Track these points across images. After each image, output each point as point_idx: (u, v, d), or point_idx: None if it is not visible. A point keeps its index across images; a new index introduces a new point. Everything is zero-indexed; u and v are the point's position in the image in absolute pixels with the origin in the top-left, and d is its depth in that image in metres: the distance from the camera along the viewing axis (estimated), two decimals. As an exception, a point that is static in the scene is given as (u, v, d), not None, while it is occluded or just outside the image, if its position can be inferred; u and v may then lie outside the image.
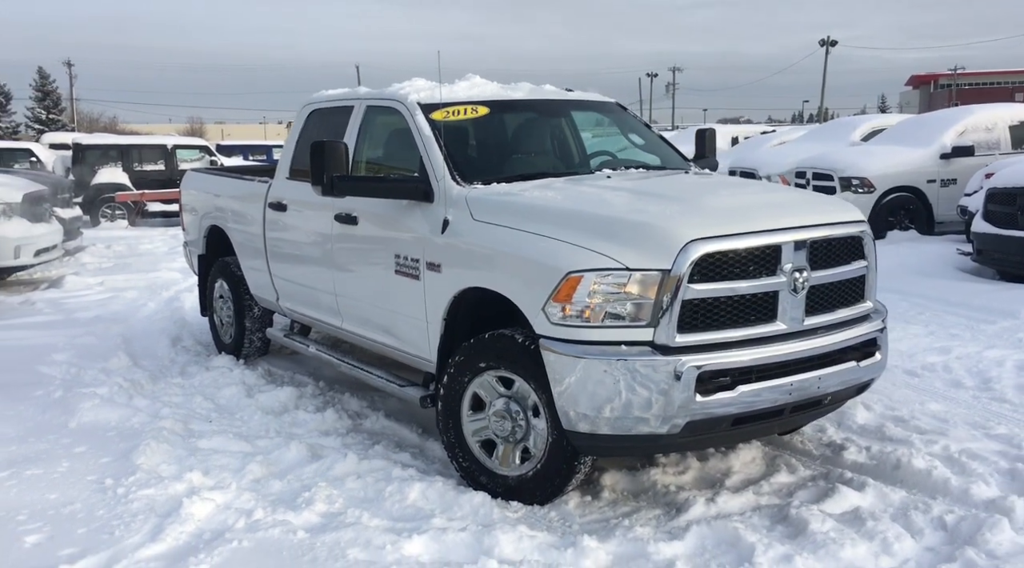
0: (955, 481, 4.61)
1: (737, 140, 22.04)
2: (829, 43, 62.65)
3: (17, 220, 10.91)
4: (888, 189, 14.01)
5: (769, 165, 16.90)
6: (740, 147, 20.66)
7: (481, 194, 4.85)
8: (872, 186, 13.99)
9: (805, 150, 16.55)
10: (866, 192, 14.00)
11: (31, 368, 7.08)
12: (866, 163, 14.29)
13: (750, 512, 4.38)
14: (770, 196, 4.96)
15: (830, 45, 62.62)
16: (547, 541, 4.08)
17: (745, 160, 17.79)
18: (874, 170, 14.08)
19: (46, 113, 64.31)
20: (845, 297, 4.61)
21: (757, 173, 16.98)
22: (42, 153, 22.98)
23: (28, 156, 22.70)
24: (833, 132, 17.82)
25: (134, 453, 5.08)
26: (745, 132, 23.30)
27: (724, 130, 23.52)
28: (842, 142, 16.69)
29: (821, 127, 20.34)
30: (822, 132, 18.59)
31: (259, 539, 4.10)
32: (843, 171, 14.24)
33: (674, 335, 4.06)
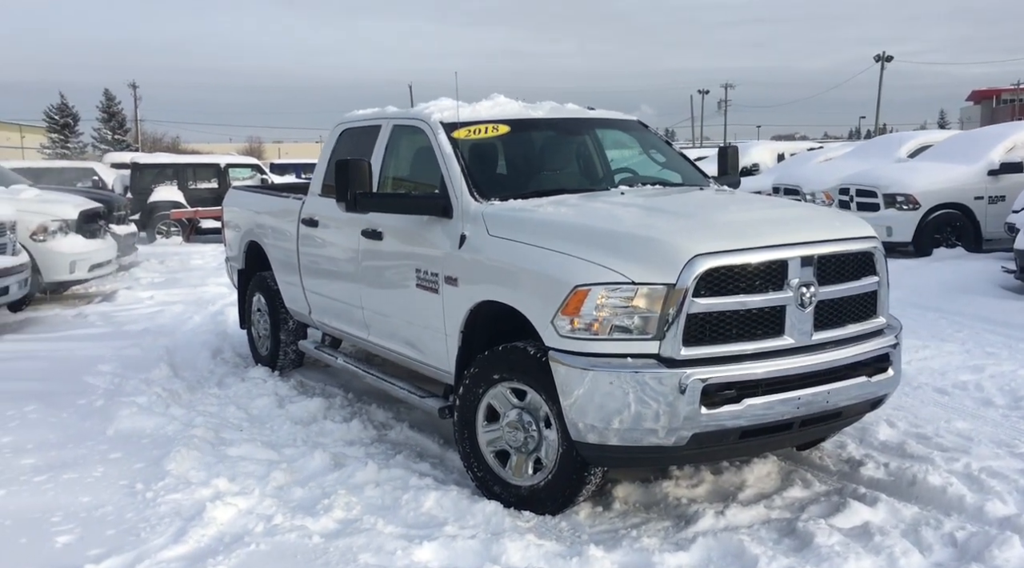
0: (970, 498, 4.60)
1: (783, 157, 21.92)
2: (884, 58, 61.92)
3: (73, 236, 11.31)
4: (934, 206, 13.87)
5: (813, 182, 16.80)
6: (785, 164, 20.55)
7: (497, 210, 4.98)
8: (917, 203, 13.86)
9: (850, 167, 16.44)
10: (911, 209, 13.88)
11: (78, 378, 7.34)
12: (911, 179, 14.16)
13: (759, 525, 4.42)
14: (779, 212, 5.01)
15: (885, 60, 61.88)
16: (554, 550, 4.16)
17: (789, 177, 17.70)
18: (919, 187, 13.94)
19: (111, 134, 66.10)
20: (856, 312, 4.64)
21: (801, 190, 16.91)
22: (104, 172, 23.68)
23: (91, 175, 23.42)
24: (880, 148, 17.65)
25: (165, 459, 5.27)
26: (792, 149, 23.13)
27: (771, 147, 23.39)
28: (888, 158, 16.54)
29: (867, 143, 20.16)
30: (868, 148, 18.42)
31: (276, 543, 4.25)
32: (887, 188, 14.13)
33: (679, 348, 4.13)
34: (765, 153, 22.46)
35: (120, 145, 61.93)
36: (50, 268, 11.03)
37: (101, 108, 66.66)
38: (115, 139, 64.70)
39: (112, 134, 65.62)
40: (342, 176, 5.18)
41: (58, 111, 65.46)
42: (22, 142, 69.20)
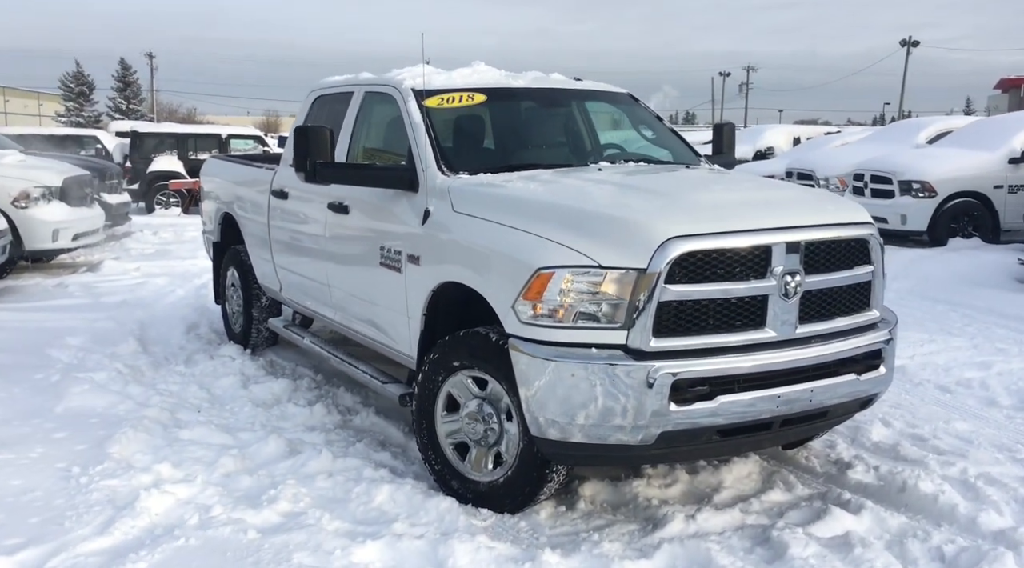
0: (963, 508, 4.25)
1: (799, 141, 21.41)
2: (910, 44, 60.87)
3: (56, 204, 11.02)
4: (951, 194, 13.38)
5: (827, 167, 16.34)
6: (801, 148, 20.05)
7: (463, 185, 4.63)
8: (933, 190, 13.38)
9: (867, 152, 15.95)
10: (927, 197, 13.41)
11: (41, 351, 7.04)
12: (927, 166, 13.69)
13: (731, 532, 4.08)
14: (767, 193, 4.64)
15: (911, 46, 60.84)
16: (506, 553, 3.84)
17: (803, 161, 17.24)
18: (936, 174, 13.47)
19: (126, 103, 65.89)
20: (847, 304, 4.27)
21: (814, 174, 16.46)
22: (107, 140, 23.42)
23: (94, 143, 23.16)
24: (898, 134, 17.14)
25: (109, 441, 4.97)
26: (808, 132, 22.61)
27: (787, 130, 22.88)
28: (907, 144, 16.04)
29: (885, 129, 19.65)
30: (886, 134, 17.91)
31: (208, 537, 3.94)
32: (902, 174, 13.67)
33: (649, 339, 3.78)
34: (780, 137, 21.97)
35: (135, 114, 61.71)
36: (32, 236, 10.75)
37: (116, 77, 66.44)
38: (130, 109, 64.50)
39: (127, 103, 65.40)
40: (301, 144, 4.84)
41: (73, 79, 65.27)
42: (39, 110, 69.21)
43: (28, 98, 72.51)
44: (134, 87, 67.29)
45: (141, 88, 68.99)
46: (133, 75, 67.44)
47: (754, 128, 28.33)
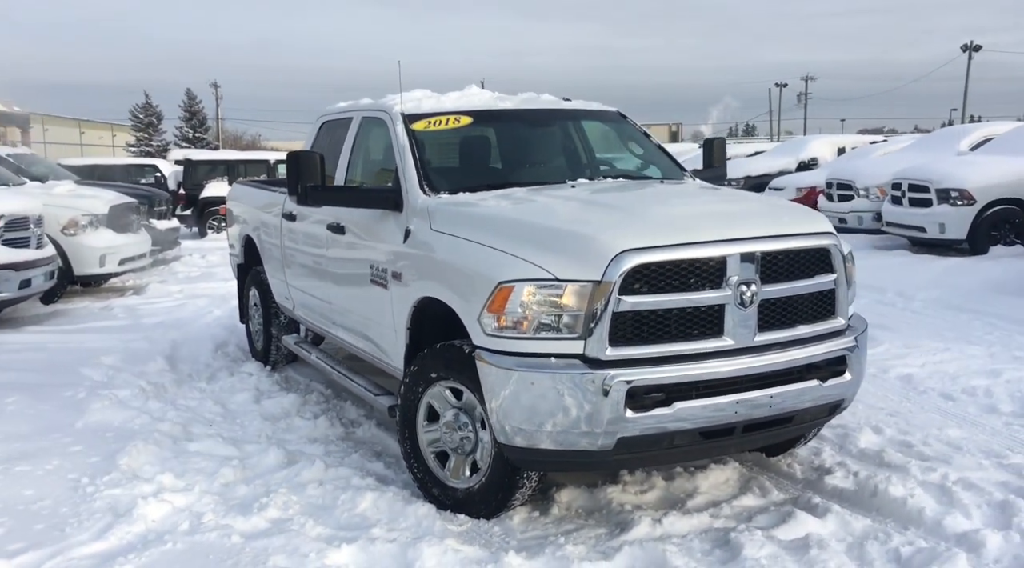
0: (930, 511, 4.31)
1: (844, 150, 21.20)
2: (972, 48, 59.69)
3: (103, 230, 11.52)
4: (990, 201, 13.19)
5: (867, 176, 16.22)
6: (843, 158, 19.86)
7: (441, 204, 4.84)
8: (972, 198, 13.21)
9: (908, 160, 15.78)
10: (965, 205, 13.25)
11: (75, 370, 7.40)
12: (966, 174, 13.53)
13: (694, 535, 4.19)
14: (728, 206, 4.75)
15: (973, 51, 59.67)
16: (473, 556, 4.01)
17: (843, 171, 17.11)
18: (974, 181, 13.30)
19: (192, 132, 67.62)
20: (809, 312, 4.37)
21: (854, 185, 16.35)
22: (166, 168, 24.20)
23: (154, 171, 23.98)
24: (940, 142, 16.92)
25: (120, 454, 5.25)
26: (853, 142, 22.37)
27: (831, 140, 22.64)
28: (948, 152, 15.83)
29: (928, 136, 19.37)
30: (928, 141, 17.68)
31: (194, 542, 4.17)
32: (940, 182, 13.53)
33: (605, 348, 3.94)
34: (824, 147, 21.77)
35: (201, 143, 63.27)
36: (80, 261, 11.26)
37: (183, 107, 68.24)
38: (196, 137, 66.18)
39: (193, 132, 67.13)
40: (293, 168, 5.10)
41: (142, 111, 67.23)
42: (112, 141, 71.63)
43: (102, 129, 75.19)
44: (199, 116, 69.02)
45: (207, 117, 70.74)
46: (199, 105, 69.23)
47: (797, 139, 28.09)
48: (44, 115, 67.97)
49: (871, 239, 15.49)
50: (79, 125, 71.68)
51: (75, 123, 71.49)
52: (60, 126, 68.47)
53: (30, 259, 9.68)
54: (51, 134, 65.30)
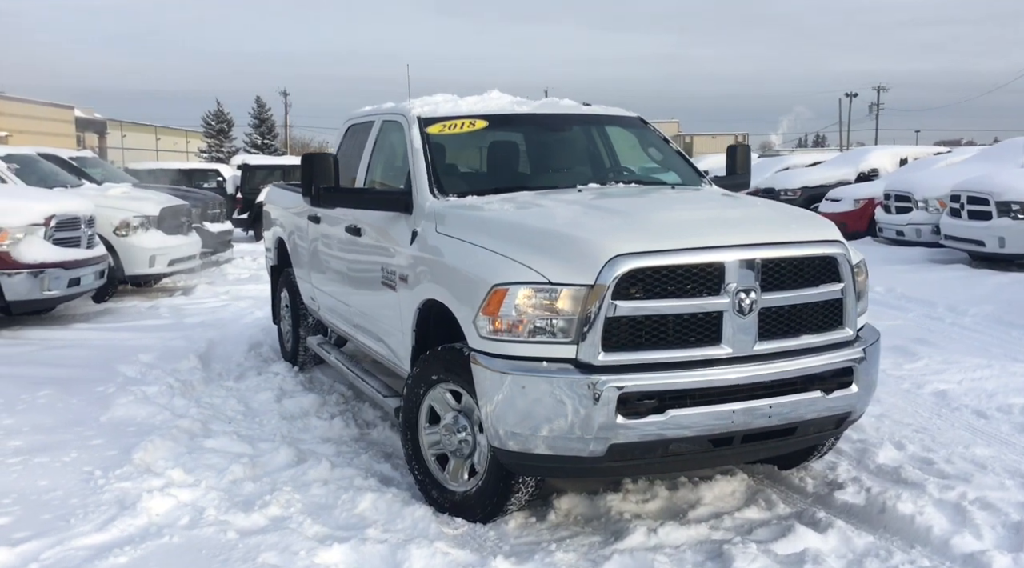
0: (938, 530, 4.18)
1: (906, 161, 20.72)
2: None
3: (154, 232, 11.79)
4: (1053, 216, 12.77)
5: (925, 188, 15.83)
6: (903, 169, 19.43)
7: (447, 206, 4.84)
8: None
9: (969, 172, 15.36)
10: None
11: (112, 366, 7.56)
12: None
13: (688, 546, 4.12)
14: (732, 212, 4.66)
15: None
16: (460, 560, 3.99)
17: (902, 183, 16.73)
18: (1036, 194, 12.89)
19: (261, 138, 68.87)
20: (813, 322, 4.27)
21: (912, 196, 15.98)
22: (227, 173, 24.71)
23: (216, 176, 24.53)
24: (1003, 153, 16.42)
25: (136, 448, 5.35)
26: (916, 153, 21.83)
27: (893, 151, 22.12)
28: (1011, 163, 15.37)
29: (991, 148, 18.83)
30: (991, 153, 17.18)
31: (191, 537, 4.23)
32: (1000, 195, 13.14)
33: (598, 353, 3.89)
34: (885, 158, 21.30)
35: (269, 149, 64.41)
36: (131, 262, 11.53)
37: (253, 114, 69.58)
38: (264, 144, 67.37)
39: (262, 139, 68.35)
40: (306, 170, 5.15)
41: (214, 117, 68.75)
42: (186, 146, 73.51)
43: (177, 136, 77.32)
44: (268, 123, 70.27)
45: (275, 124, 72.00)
46: (268, 112, 70.51)
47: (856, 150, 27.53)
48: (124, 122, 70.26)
49: (929, 252, 15.12)
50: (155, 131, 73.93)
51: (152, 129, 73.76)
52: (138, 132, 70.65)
53: (79, 258, 9.94)
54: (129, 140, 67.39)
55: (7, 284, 9.25)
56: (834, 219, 16.80)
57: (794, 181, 21.73)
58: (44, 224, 9.56)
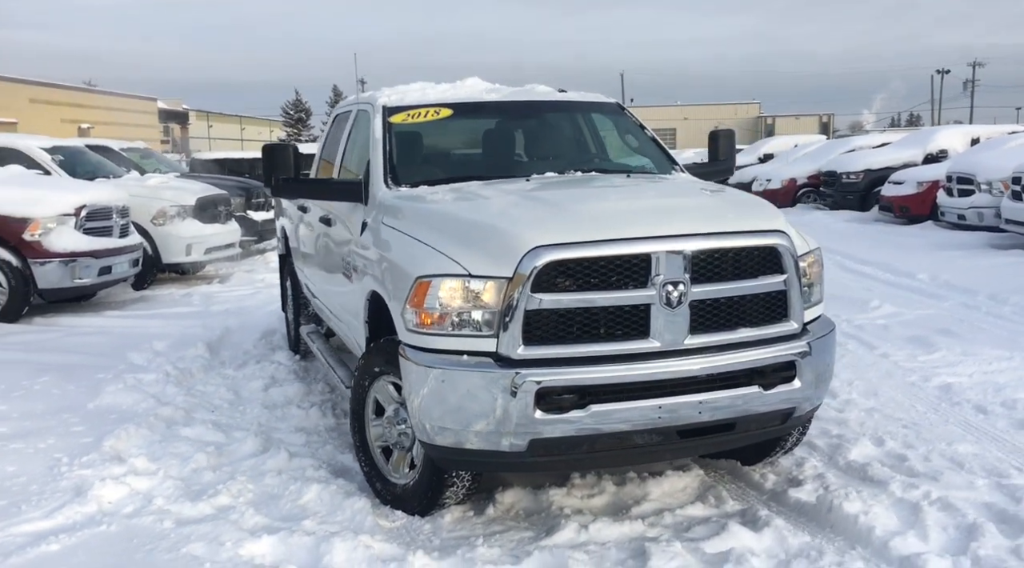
0: (880, 531, 4.02)
1: (978, 141, 19.87)
2: None
3: (190, 221, 12.05)
4: (1116, 198, 12.15)
5: (990, 170, 15.16)
6: (973, 149, 18.64)
7: (394, 197, 4.81)
8: (1095, 194, 12.20)
9: (1039, 153, 14.67)
10: (1089, 201, 12.23)
11: (123, 354, 7.72)
12: (1090, 167, 12.48)
13: (615, 543, 4.03)
14: (669, 201, 4.50)
15: None
16: (381, 553, 3.96)
17: (965, 164, 16.07)
18: (1100, 175, 12.26)
19: (339, 125, 69.95)
20: (754, 315, 4.11)
21: (975, 178, 15.33)
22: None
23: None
24: (1074, 133, 15.67)
25: (109, 436, 5.45)
26: (989, 133, 20.91)
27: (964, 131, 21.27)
28: (1082, 144, 14.64)
29: (1062, 127, 17.98)
30: (1063, 133, 16.41)
31: (128, 525, 4.28)
32: (1061, 177, 12.53)
33: (518, 346, 3.82)
34: (956, 138, 20.48)
35: (346, 136, 65.40)
36: (167, 250, 11.81)
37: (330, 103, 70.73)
38: (341, 131, 68.44)
39: (339, 126, 69.46)
40: (267, 161, 5.17)
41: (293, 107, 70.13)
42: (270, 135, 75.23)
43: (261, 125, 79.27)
44: (345, 110, 71.42)
45: (352, 111, 73.11)
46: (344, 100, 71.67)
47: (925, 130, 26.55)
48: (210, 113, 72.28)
49: (988, 237, 14.54)
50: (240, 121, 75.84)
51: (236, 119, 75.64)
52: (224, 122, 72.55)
53: (110, 247, 10.20)
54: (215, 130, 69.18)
55: (39, 272, 9.55)
56: (896, 203, 16.52)
57: (857, 164, 21.11)
58: (75, 214, 9.84)
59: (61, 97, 43.95)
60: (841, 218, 19.76)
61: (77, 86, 47.08)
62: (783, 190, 23.13)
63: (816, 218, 19.92)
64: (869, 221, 19.02)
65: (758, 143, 32.95)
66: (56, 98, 43.39)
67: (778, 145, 30.17)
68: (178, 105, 61.25)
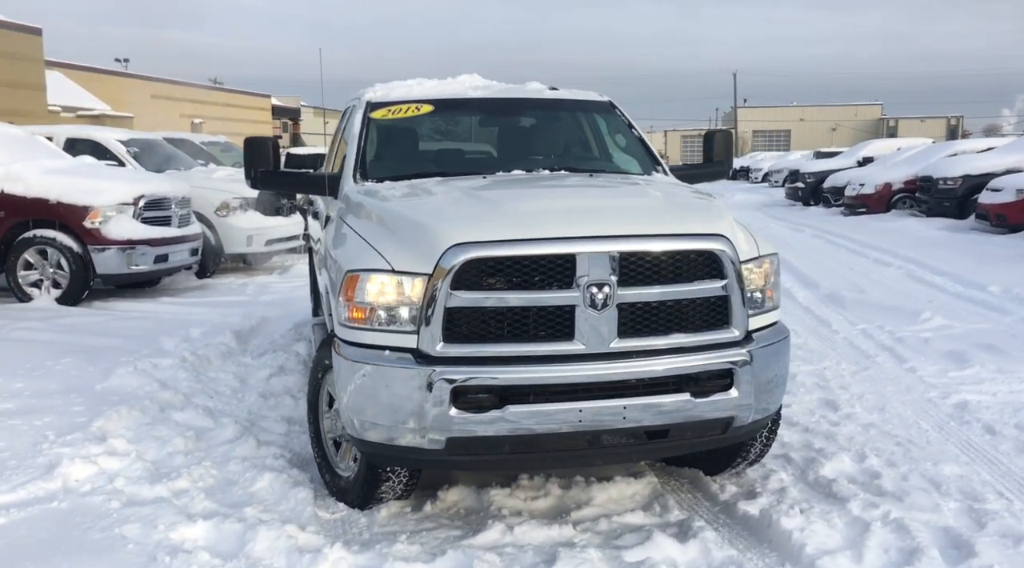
0: (811, 549, 3.88)
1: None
2: None
3: (252, 213, 12.39)
4: None
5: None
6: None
7: (358, 192, 4.83)
8: None
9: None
10: None
11: (156, 339, 7.99)
12: None
13: (533, 547, 3.97)
14: (604, 201, 4.37)
15: None
16: (303, 544, 3.99)
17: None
18: None
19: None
20: (691, 320, 3.97)
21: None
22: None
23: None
24: None
25: (101, 416, 5.64)
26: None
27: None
28: None
29: None
30: None
31: (78, 503, 4.41)
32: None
33: (437, 343, 3.80)
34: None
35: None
36: (229, 241, 12.19)
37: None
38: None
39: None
40: (248, 154, 5.26)
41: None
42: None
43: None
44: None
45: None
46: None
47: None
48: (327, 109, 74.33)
49: (1083, 249, 13.73)
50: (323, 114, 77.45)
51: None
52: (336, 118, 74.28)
53: (168, 236, 10.60)
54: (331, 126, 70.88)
55: (97, 258, 9.99)
56: (992, 211, 15.83)
57: (955, 169, 20.19)
58: (133, 204, 10.25)
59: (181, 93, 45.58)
60: (934, 226, 18.93)
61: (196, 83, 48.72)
62: (876, 195, 22.28)
63: (906, 225, 19.14)
64: (963, 230, 18.17)
65: (857, 146, 31.74)
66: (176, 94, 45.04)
67: (879, 148, 29.07)
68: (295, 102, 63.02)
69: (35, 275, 10.07)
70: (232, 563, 3.81)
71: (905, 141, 30.26)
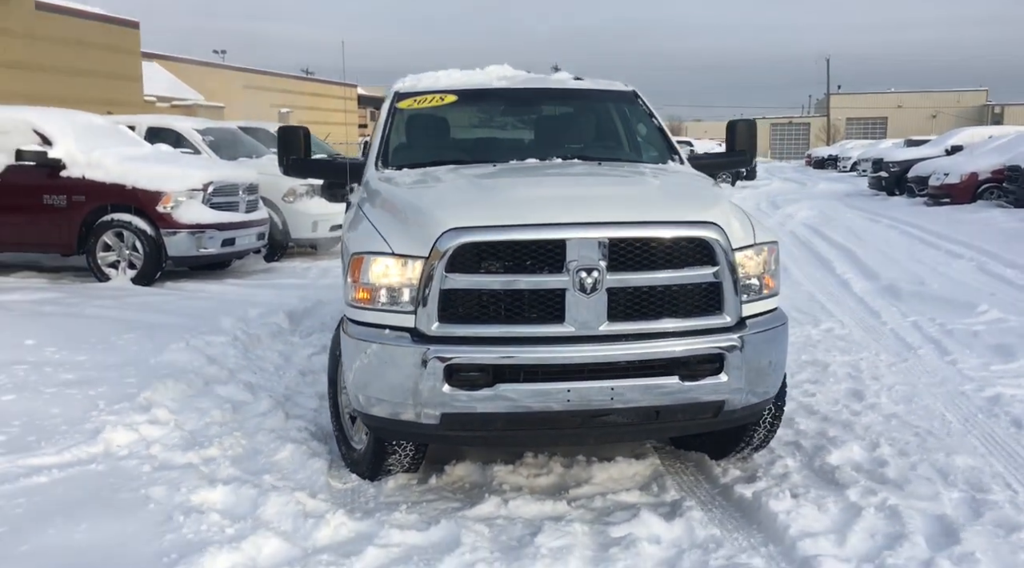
0: (794, 531, 3.97)
1: None
2: None
3: (317, 199, 12.76)
4: None
5: None
6: None
7: (377, 178, 5.04)
8: None
9: None
10: None
11: (216, 317, 8.34)
12: None
13: (523, 521, 4.13)
14: (597, 189, 4.48)
15: None
16: (309, 509, 4.23)
17: None
18: None
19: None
20: (681, 305, 4.07)
21: None
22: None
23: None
24: None
25: (148, 388, 5.99)
26: None
27: None
28: None
29: None
30: None
31: (113, 466, 4.74)
32: None
33: (433, 323, 3.99)
34: None
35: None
36: (296, 226, 12.61)
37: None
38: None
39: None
40: (281, 143, 5.53)
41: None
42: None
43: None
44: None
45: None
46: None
47: None
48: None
49: None
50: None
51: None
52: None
53: (235, 221, 11.04)
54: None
55: (169, 241, 10.48)
56: None
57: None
58: (202, 189, 10.70)
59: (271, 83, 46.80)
60: (1019, 217, 18.33)
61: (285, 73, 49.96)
62: (961, 185, 21.63)
63: (990, 217, 18.58)
64: (1051, 222, 17.58)
65: (948, 133, 30.75)
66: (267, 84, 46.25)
67: (970, 136, 28.14)
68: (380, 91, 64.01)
69: (113, 256, 10.61)
70: (240, 524, 4.05)
71: (1009, 129, 29.11)
